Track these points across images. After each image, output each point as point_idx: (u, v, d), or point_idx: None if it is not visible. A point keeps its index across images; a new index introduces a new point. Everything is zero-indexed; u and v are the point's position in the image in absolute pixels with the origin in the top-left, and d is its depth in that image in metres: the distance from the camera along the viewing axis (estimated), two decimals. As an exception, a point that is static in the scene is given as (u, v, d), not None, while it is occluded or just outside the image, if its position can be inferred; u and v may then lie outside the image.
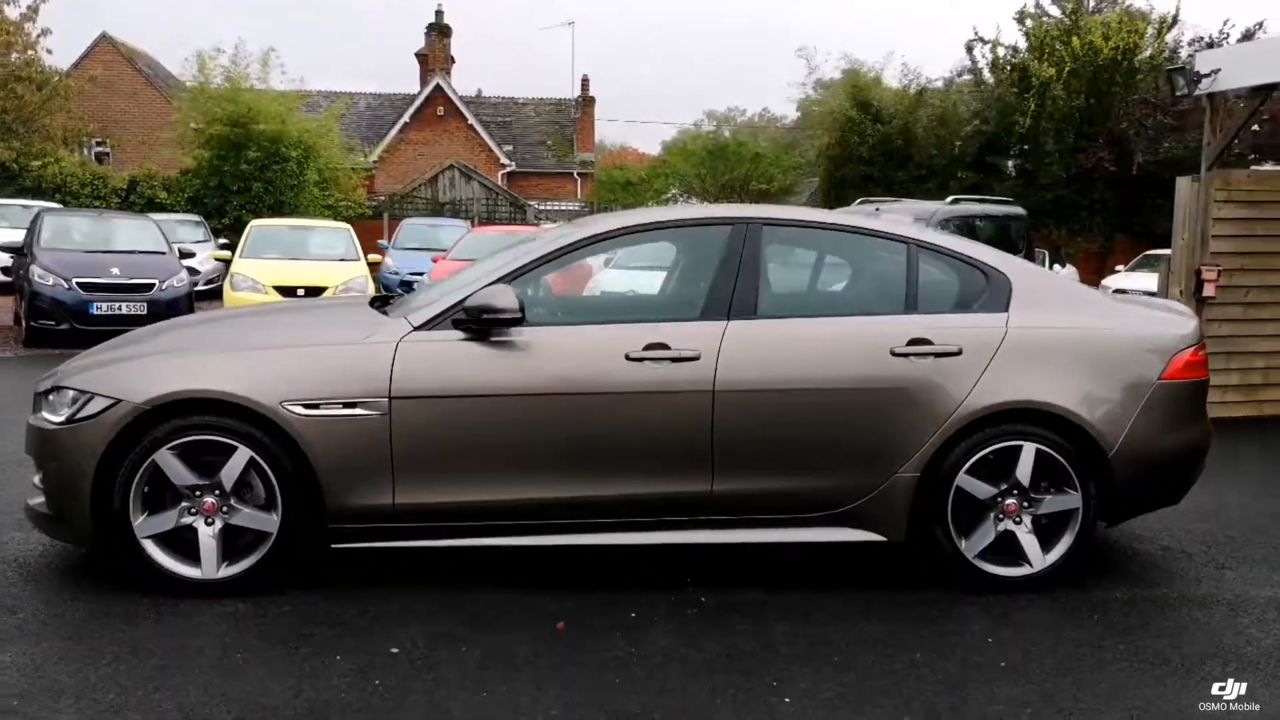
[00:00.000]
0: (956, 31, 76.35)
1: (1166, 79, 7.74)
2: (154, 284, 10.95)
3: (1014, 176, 20.91)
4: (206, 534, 3.64)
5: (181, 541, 3.65)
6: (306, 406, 3.60)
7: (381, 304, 4.46)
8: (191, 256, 12.50)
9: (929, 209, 9.85)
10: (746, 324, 3.80)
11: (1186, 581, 4.08)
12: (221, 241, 17.44)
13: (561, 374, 3.71)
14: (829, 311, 3.92)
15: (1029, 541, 3.86)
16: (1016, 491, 3.85)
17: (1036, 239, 15.19)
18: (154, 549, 3.62)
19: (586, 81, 32.43)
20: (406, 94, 31.79)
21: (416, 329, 3.73)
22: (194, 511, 3.64)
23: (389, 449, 3.64)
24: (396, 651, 3.24)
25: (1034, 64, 20.26)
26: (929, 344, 3.81)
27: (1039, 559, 3.86)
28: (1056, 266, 18.09)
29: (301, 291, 11.42)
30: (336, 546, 3.73)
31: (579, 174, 30.80)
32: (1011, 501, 3.85)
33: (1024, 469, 3.82)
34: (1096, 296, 4.22)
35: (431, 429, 3.66)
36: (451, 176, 24.09)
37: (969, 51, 21.27)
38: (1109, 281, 15.99)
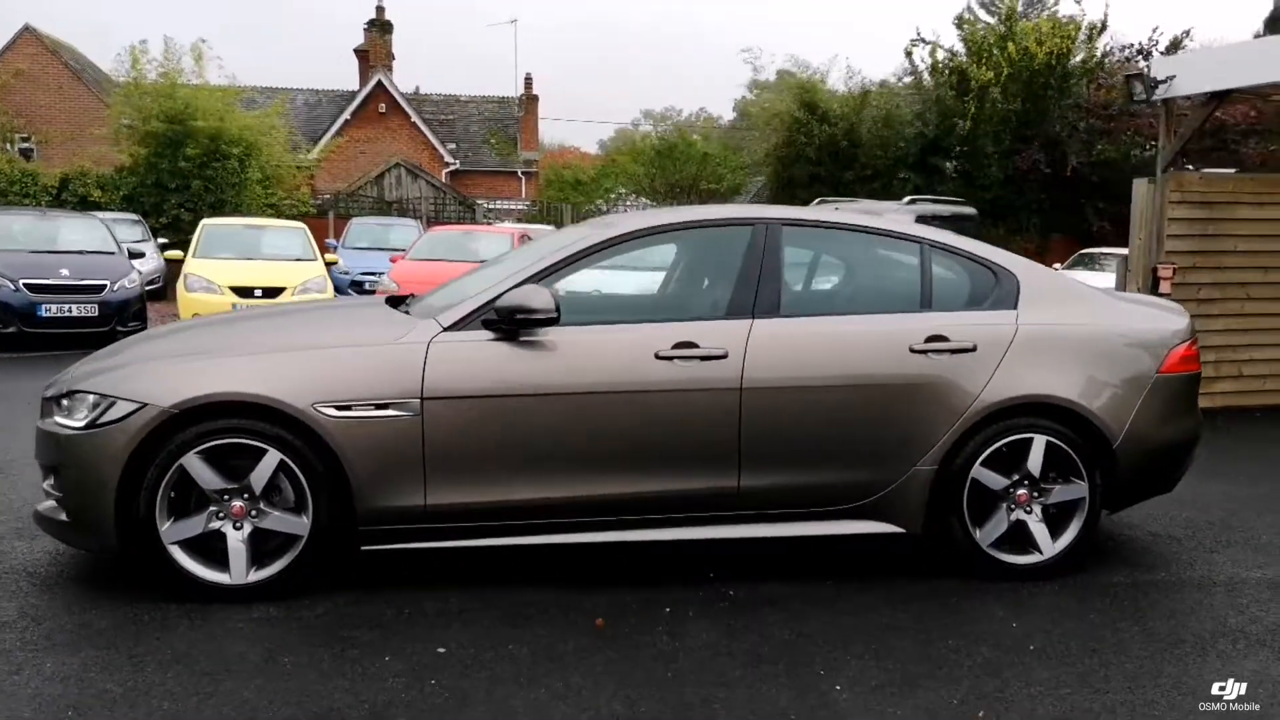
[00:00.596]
0: (896, 35, 77.95)
1: (1125, 84, 8.05)
2: (105, 285, 10.63)
3: (954, 177, 21.40)
4: (235, 538, 3.59)
5: (207, 546, 3.60)
6: (338, 408, 3.57)
7: (395, 304, 4.44)
8: (141, 257, 12.16)
9: (885, 208, 10.06)
10: (771, 322, 3.89)
11: (1180, 565, 4.29)
12: (161, 241, 16.98)
13: (593, 373, 3.74)
14: (848, 310, 4.02)
15: (1039, 530, 4.02)
16: (1027, 482, 4.01)
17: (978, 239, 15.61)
18: (181, 555, 3.57)
19: (530, 80, 32.31)
20: (346, 91, 31.27)
21: (446, 329, 3.73)
22: (222, 516, 3.59)
23: (421, 450, 3.64)
24: (444, 651, 3.25)
25: (972, 68, 20.78)
26: (946, 341, 3.94)
27: (1049, 547, 4.02)
28: None
29: (259, 292, 11.20)
30: (366, 549, 3.72)
31: (523, 173, 30.65)
32: (1023, 492, 4.01)
33: (1035, 460, 3.98)
34: (1096, 294, 4.40)
35: (463, 429, 3.67)
36: (398, 175, 23.78)
37: (908, 56, 21.73)
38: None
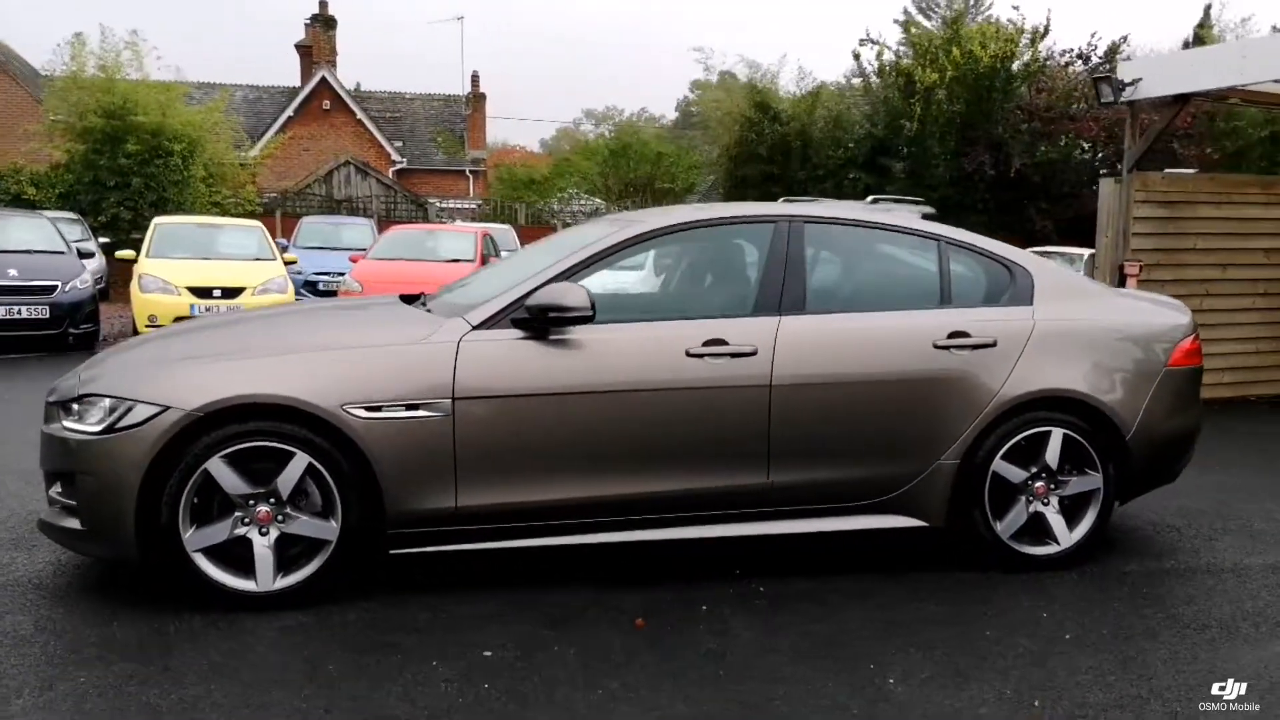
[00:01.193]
0: (844, 36, 79.03)
1: (1093, 86, 8.26)
2: (56, 286, 10.25)
3: (902, 177, 21.76)
4: (261, 544, 3.49)
5: (229, 553, 3.49)
6: (368, 409, 3.49)
7: (409, 302, 4.36)
8: (91, 256, 11.75)
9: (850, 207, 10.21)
10: (798, 319, 3.90)
11: (1185, 553, 4.41)
12: (103, 240, 16.43)
13: (624, 371, 3.72)
14: (870, 306, 4.05)
15: (1057, 521, 4.10)
16: (1045, 475, 4.08)
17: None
18: (204, 563, 3.45)
19: (477, 78, 31.98)
20: (287, 87, 30.60)
21: (476, 328, 3.67)
22: (247, 522, 3.48)
23: (452, 451, 3.58)
24: (490, 655, 3.19)
25: (918, 71, 21.16)
26: (967, 336, 4.00)
27: (1066, 537, 4.10)
28: None
29: (218, 292, 10.91)
30: (395, 552, 3.64)
31: (471, 171, 30.34)
32: (1040, 484, 4.08)
33: (1052, 453, 4.06)
34: (1104, 289, 4.51)
35: (494, 429, 3.61)
36: (347, 173, 23.32)
37: (857, 58, 22.03)
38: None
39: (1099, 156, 22.07)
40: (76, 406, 3.55)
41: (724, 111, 20.90)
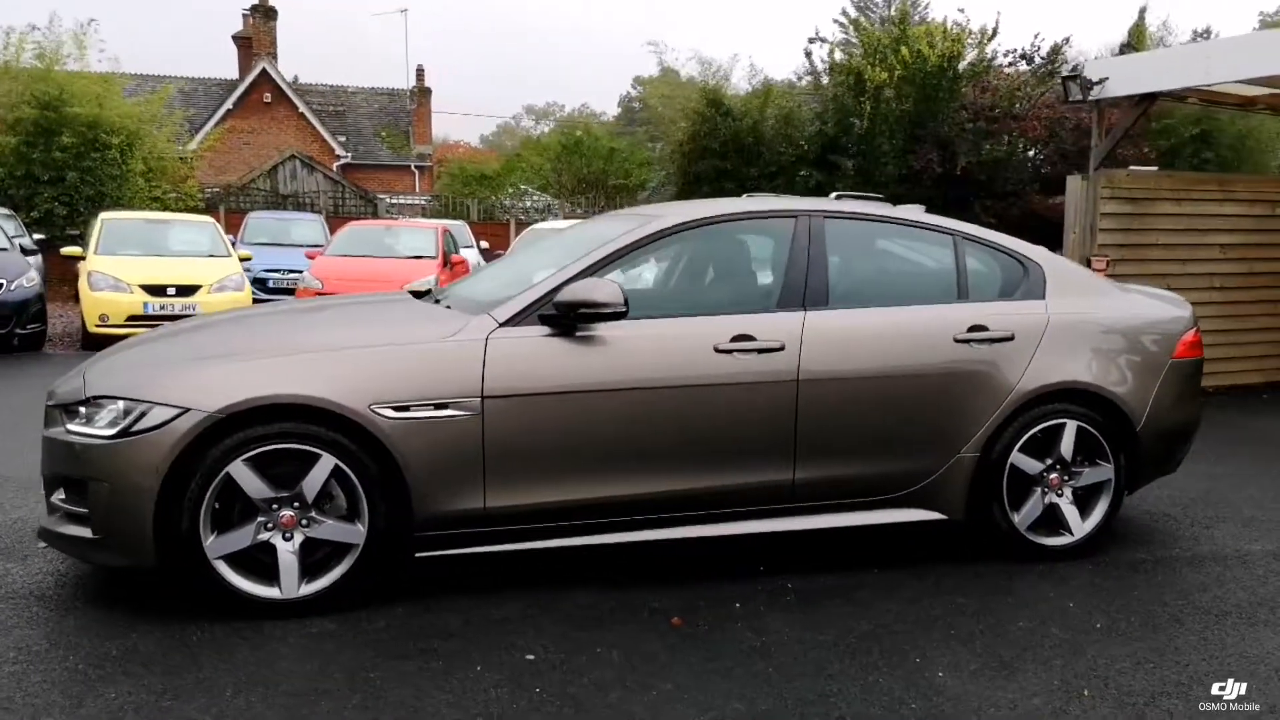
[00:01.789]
0: (790, 36, 79.52)
1: (1061, 85, 8.43)
2: (1, 284, 9.82)
3: (852, 175, 22.01)
4: (285, 550, 3.37)
5: (250, 560, 3.37)
6: (396, 409, 3.39)
7: (418, 298, 4.25)
8: (36, 253, 11.30)
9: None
10: (822, 314, 3.89)
11: (1188, 541, 4.51)
12: (38, 237, 15.80)
13: (652, 368, 3.67)
14: (890, 301, 4.06)
15: (1070, 512, 4.16)
16: (1059, 466, 4.14)
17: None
18: (226, 570, 3.32)
19: (422, 72, 31.50)
20: (225, 79, 29.81)
21: (502, 324, 3.59)
22: (270, 526, 3.36)
23: (480, 450, 3.50)
24: (533, 658, 3.12)
25: (869, 70, 21.42)
26: (986, 330, 4.03)
27: (1079, 527, 4.17)
28: None
29: (172, 290, 10.59)
30: (421, 555, 3.55)
31: (417, 167, 29.89)
32: (1055, 476, 4.14)
33: (1067, 445, 4.12)
34: (1111, 284, 4.58)
35: (523, 428, 3.54)
36: (293, 168, 22.77)
37: (808, 56, 22.24)
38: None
39: (1039, 156, 22.62)
40: (84, 410, 3.39)
41: (677, 108, 20.92)
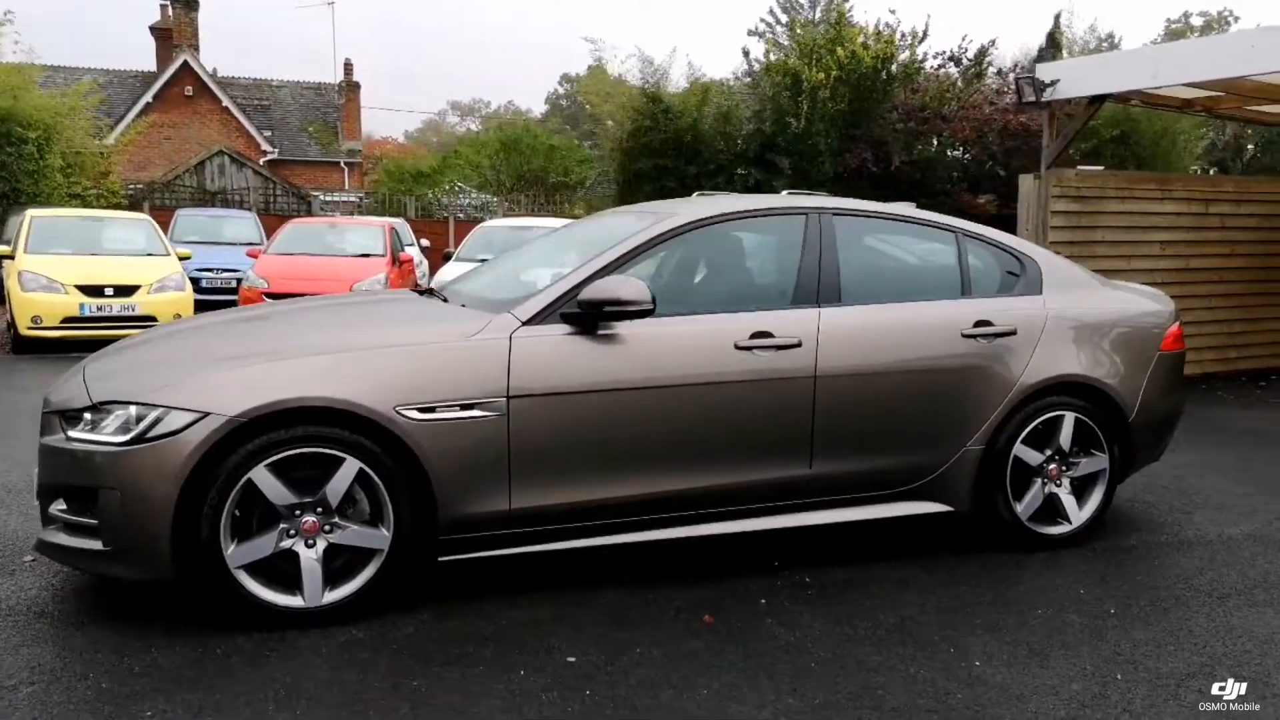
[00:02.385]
0: (721, 35, 79.93)
1: (1015, 86, 8.65)
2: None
3: (790, 173, 22.27)
4: (309, 557, 3.27)
5: (274, 568, 3.26)
6: (422, 410, 3.32)
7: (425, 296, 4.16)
8: (-38, 252, 10.74)
9: None
10: (837, 310, 3.93)
11: (1173, 527, 4.68)
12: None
13: (674, 365, 3.65)
14: (898, 297, 4.11)
15: (1069, 501, 4.28)
16: (1058, 457, 4.26)
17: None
18: (247, 579, 3.20)
19: (350, 66, 30.85)
20: (143, 71, 28.76)
21: (525, 323, 3.53)
22: (293, 533, 3.25)
23: (506, 451, 3.44)
24: (575, 661, 3.09)
25: (805, 70, 21.70)
26: (991, 325, 4.12)
27: (1077, 516, 4.29)
28: None
29: (110, 291, 10.19)
30: (444, 559, 3.48)
31: (346, 163, 29.26)
32: (1054, 466, 4.26)
33: (1065, 436, 4.24)
34: (1100, 280, 4.72)
35: (548, 428, 3.49)
36: (220, 163, 22.05)
37: (746, 55, 22.41)
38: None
39: (967, 156, 23.21)
40: (89, 416, 3.23)
41: (616, 105, 20.88)
